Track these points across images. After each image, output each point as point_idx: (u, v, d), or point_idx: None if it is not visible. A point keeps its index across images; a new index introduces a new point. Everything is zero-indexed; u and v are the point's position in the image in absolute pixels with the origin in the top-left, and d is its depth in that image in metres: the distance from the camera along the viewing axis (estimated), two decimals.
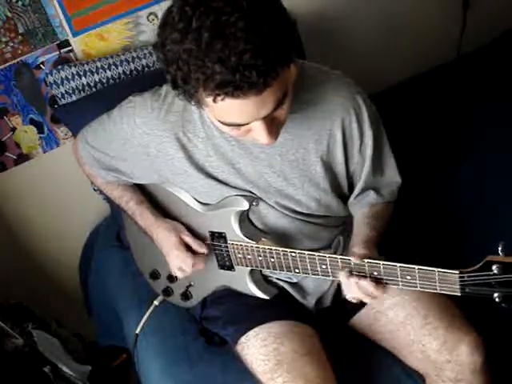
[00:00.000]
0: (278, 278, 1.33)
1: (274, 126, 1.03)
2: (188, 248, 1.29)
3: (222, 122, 1.01)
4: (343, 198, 1.30)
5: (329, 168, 1.23)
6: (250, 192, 1.23)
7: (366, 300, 1.14)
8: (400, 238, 1.44)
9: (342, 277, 1.13)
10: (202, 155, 1.22)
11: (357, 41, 2.10)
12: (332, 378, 1.21)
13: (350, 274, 1.11)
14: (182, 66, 0.91)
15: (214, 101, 0.93)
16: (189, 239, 1.29)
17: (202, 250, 1.29)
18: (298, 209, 1.25)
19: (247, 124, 1.00)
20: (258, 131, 1.01)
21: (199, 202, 1.28)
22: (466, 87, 2.06)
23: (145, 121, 1.21)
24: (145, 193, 1.39)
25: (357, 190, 1.29)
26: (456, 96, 2.03)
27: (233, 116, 0.98)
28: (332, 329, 1.35)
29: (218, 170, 1.22)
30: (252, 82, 0.89)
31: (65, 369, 1.56)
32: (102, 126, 1.30)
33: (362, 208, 1.31)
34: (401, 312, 1.27)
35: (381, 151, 1.27)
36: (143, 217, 1.34)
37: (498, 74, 2.09)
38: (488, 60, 2.18)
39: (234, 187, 1.23)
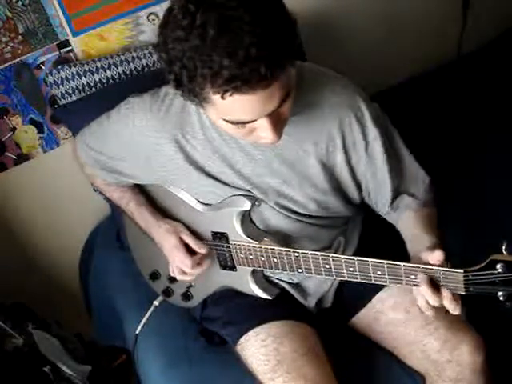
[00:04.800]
0: (278, 279, 1.33)
1: (279, 123, 1.02)
2: (188, 249, 1.29)
3: (227, 121, 1.00)
4: (349, 199, 1.28)
5: (328, 170, 1.21)
6: (250, 193, 1.23)
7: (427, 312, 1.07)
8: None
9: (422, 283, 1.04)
10: (201, 157, 1.21)
11: (357, 41, 2.10)
12: (332, 378, 1.21)
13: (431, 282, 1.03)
14: (188, 63, 0.90)
15: (222, 97, 0.92)
16: (188, 239, 1.29)
17: (202, 250, 1.28)
18: (298, 210, 1.24)
19: (253, 121, 0.99)
20: (264, 129, 1.00)
21: (200, 202, 1.28)
22: (467, 87, 2.06)
23: (143, 122, 1.21)
24: (145, 193, 1.39)
25: (387, 196, 1.26)
26: (456, 96, 2.03)
27: (240, 113, 0.97)
28: (332, 329, 1.35)
29: (217, 172, 1.22)
30: (260, 75, 0.89)
31: (65, 369, 1.55)
32: (101, 128, 1.30)
33: (401, 213, 1.27)
34: (401, 312, 1.27)
35: (395, 149, 1.25)
36: (143, 218, 1.34)
37: (499, 74, 2.09)
38: (488, 60, 2.18)
39: (236, 188, 1.23)
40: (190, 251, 1.29)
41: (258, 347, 1.23)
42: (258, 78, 0.89)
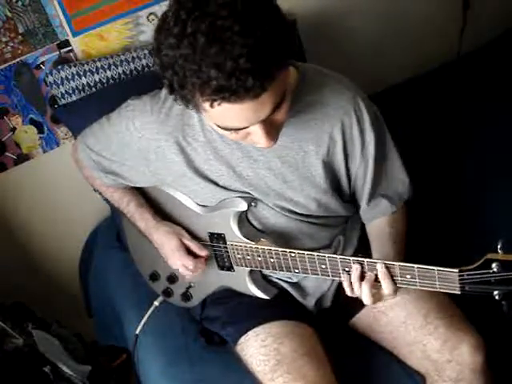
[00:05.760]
0: (278, 278, 1.33)
1: (272, 128, 1.02)
2: (189, 251, 1.29)
3: (219, 127, 1.01)
4: (344, 198, 1.29)
5: (330, 170, 1.22)
6: (250, 194, 1.23)
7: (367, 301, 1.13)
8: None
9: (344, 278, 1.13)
10: (201, 159, 1.21)
11: (357, 41, 2.10)
12: (332, 378, 1.21)
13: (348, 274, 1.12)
14: (179, 70, 0.90)
15: (211, 106, 0.92)
16: (190, 243, 1.29)
17: (203, 253, 1.29)
18: (298, 210, 1.24)
19: (245, 128, 0.99)
20: (257, 135, 1.01)
21: (197, 203, 1.28)
22: (466, 87, 2.06)
23: (144, 125, 1.21)
24: (144, 195, 1.39)
25: (366, 195, 1.27)
26: (456, 96, 2.03)
27: (230, 120, 0.97)
28: (332, 329, 1.35)
29: (217, 174, 1.22)
30: (248, 87, 0.88)
31: (65, 369, 1.55)
32: (102, 130, 1.30)
33: (375, 219, 1.30)
34: (401, 312, 1.27)
35: (385, 152, 1.25)
36: (143, 219, 1.34)
37: (498, 74, 2.09)
38: (488, 60, 2.18)
39: (234, 190, 1.23)
40: (191, 253, 1.29)
41: (258, 347, 1.23)
42: (246, 90, 0.89)
